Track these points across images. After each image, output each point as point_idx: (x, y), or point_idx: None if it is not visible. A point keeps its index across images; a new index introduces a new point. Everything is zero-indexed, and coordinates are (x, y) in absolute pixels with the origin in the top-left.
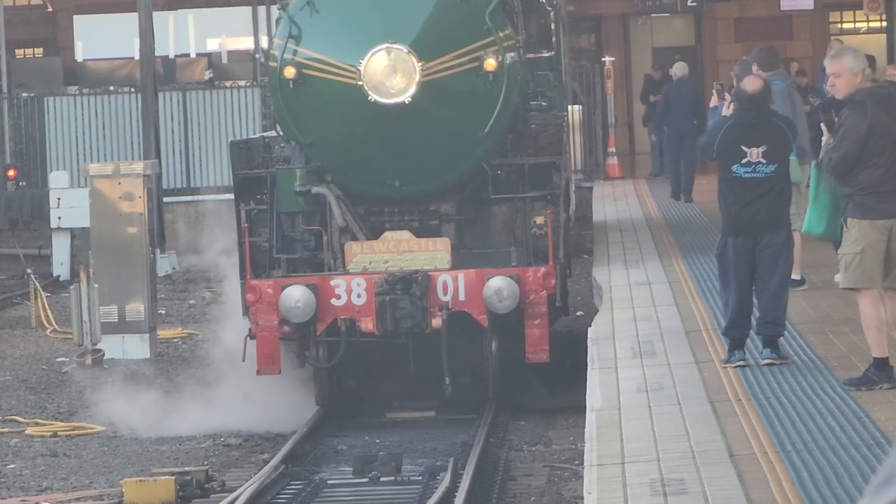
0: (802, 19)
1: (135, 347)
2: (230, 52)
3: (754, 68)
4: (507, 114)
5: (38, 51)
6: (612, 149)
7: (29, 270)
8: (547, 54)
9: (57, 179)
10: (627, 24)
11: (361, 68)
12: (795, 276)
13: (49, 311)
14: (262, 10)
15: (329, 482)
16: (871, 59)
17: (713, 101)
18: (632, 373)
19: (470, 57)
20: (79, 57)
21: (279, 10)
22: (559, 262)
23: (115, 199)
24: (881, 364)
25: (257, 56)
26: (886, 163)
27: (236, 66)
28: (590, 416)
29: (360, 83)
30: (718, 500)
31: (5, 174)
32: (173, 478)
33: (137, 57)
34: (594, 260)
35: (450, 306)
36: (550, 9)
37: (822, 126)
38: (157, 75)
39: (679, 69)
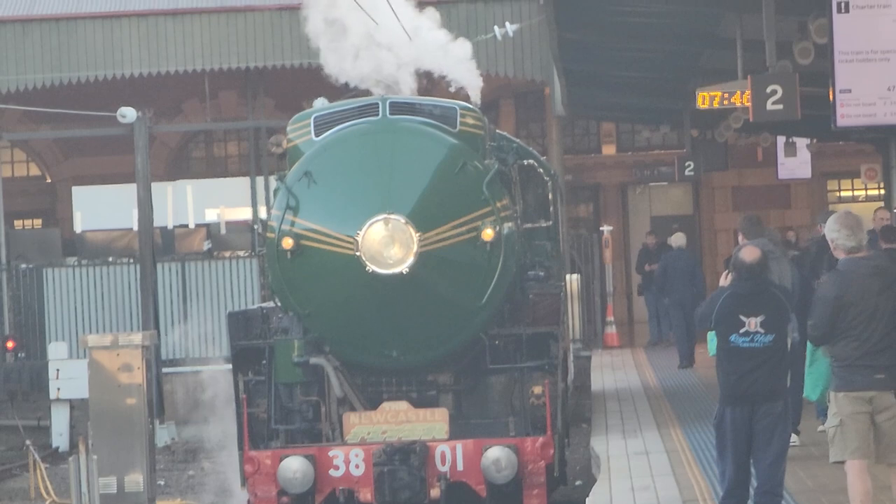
0: (800, 188)
1: None
2: (228, 223)
3: (739, 238)
4: (504, 284)
5: (37, 222)
6: (610, 318)
7: (28, 442)
8: (545, 224)
9: (56, 350)
10: (626, 192)
11: (359, 239)
12: None
13: (48, 483)
14: (260, 180)
15: None
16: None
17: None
18: None
19: (468, 227)
20: (77, 228)
21: (277, 181)
22: (557, 431)
23: (114, 371)
24: None
25: (255, 227)
26: (861, 335)
27: (234, 237)
28: None
29: (357, 254)
30: None
31: (4, 345)
32: None
33: (136, 228)
34: (592, 429)
35: (448, 477)
36: (548, 178)
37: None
38: (155, 246)
39: (677, 239)
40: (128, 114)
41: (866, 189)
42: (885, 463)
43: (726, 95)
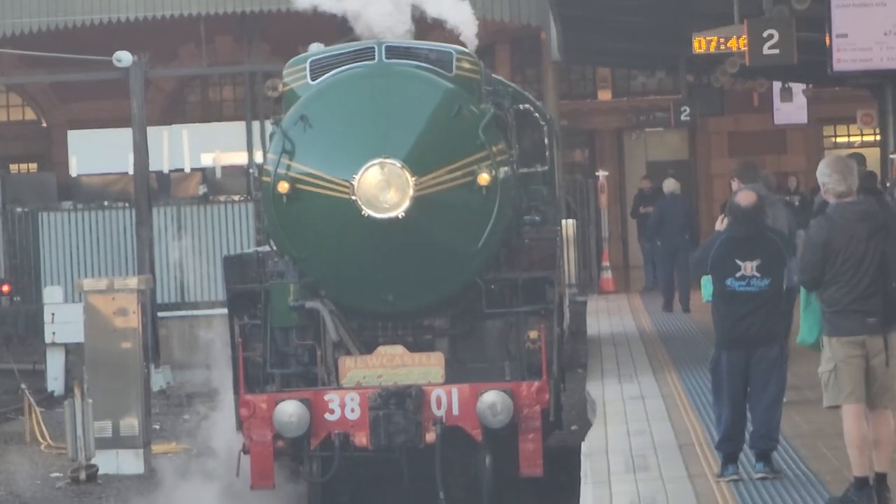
0: (796, 133)
1: (129, 463)
2: (224, 167)
3: (734, 183)
4: (500, 228)
5: (33, 166)
6: (606, 263)
7: (23, 386)
8: (540, 169)
9: (51, 295)
10: (621, 138)
11: (355, 183)
12: None
13: (43, 427)
14: (255, 125)
15: None
16: (860, 158)
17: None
18: (625, 487)
19: (463, 171)
20: (73, 172)
21: (273, 125)
22: (553, 376)
23: (110, 315)
24: (861, 484)
25: (251, 171)
26: (851, 281)
27: (230, 181)
28: None
29: (353, 198)
30: None
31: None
32: None
33: (132, 172)
34: (588, 374)
35: (443, 421)
36: (544, 123)
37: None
38: (151, 190)
39: (669, 185)
40: (124, 58)
41: (862, 135)
42: (879, 406)
43: (722, 40)
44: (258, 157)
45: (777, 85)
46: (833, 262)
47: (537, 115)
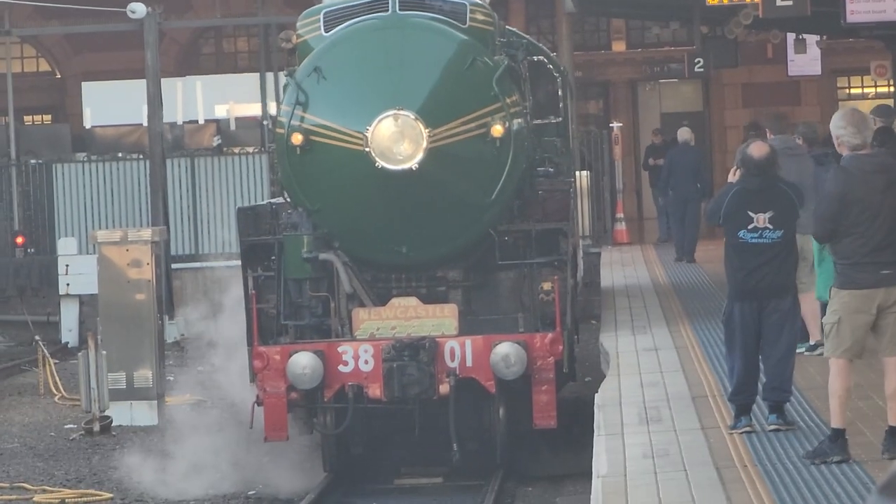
0: (810, 85)
1: (143, 414)
2: (238, 119)
3: (767, 134)
4: (514, 180)
5: (47, 118)
6: (620, 214)
7: (37, 337)
8: (554, 120)
9: (65, 246)
10: (636, 89)
11: (369, 135)
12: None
13: (57, 378)
14: (269, 76)
15: None
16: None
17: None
18: (638, 439)
19: (477, 123)
20: (87, 124)
21: (286, 76)
22: (566, 328)
23: (124, 266)
24: (836, 435)
25: (265, 122)
26: (867, 233)
27: (244, 133)
28: (596, 483)
29: (367, 150)
30: None
31: (14, 241)
32: None
33: (146, 123)
34: (602, 326)
35: (457, 372)
36: (558, 75)
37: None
38: (165, 142)
39: (683, 134)
40: (138, 9)
41: (876, 86)
42: (888, 356)
43: None
44: (272, 109)
45: (791, 36)
46: (848, 214)
47: (551, 66)
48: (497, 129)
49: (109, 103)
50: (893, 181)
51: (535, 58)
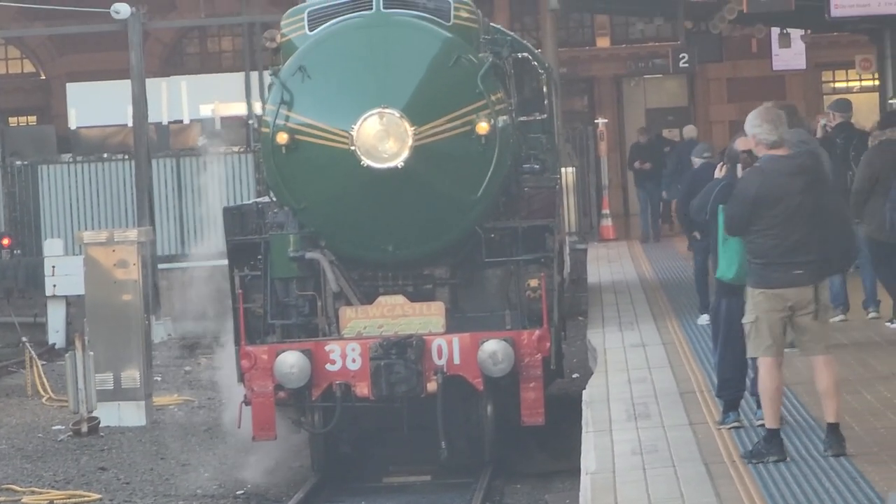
0: (795, 79)
1: (130, 415)
2: (223, 119)
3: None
4: (499, 177)
5: (32, 119)
6: (606, 210)
7: (24, 338)
8: (539, 117)
9: (51, 247)
10: (620, 85)
11: (354, 133)
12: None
13: (45, 379)
14: (254, 75)
15: None
16: (791, 109)
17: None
18: (626, 435)
19: (462, 121)
20: (72, 124)
21: (271, 75)
22: (554, 324)
23: (110, 267)
24: (771, 436)
25: (250, 122)
26: (781, 234)
27: (229, 132)
28: (584, 480)
29: (352, 148)
30: None
31: (0, 242)
32: None
33: (131, 124)
34: (589, 322)
35: (445, 370)
36: (542, 71)
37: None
38: (150, 142)
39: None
40: (121, 10)
41: (861, 80)
42: (811, 355)
43: None
44: (257, 109)
45: (775, 31)
46: (762, 215)
47: (536, 63)
48: (482, 127)
49: (94, 104)
50: (813, 182)
51: (520, 55)
